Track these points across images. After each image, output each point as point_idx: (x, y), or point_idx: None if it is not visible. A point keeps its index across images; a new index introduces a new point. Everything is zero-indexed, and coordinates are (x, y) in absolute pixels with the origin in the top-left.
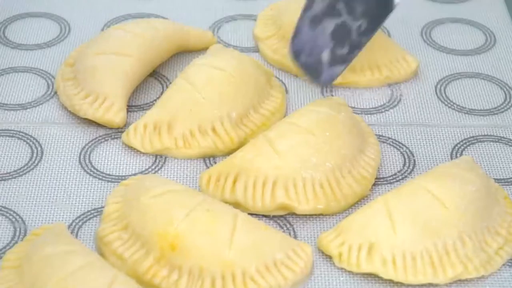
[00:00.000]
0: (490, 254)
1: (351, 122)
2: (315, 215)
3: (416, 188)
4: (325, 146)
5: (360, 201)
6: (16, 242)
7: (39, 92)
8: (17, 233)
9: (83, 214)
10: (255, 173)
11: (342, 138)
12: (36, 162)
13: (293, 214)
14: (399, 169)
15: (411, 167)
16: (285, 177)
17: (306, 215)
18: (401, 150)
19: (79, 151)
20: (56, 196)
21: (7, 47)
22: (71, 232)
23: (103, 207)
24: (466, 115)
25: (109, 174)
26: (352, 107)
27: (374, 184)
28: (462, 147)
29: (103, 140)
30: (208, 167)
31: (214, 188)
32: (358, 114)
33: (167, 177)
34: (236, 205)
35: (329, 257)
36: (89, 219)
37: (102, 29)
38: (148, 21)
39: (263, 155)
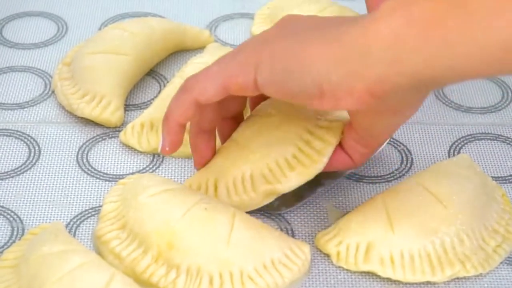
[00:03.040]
0: (488, 252)
1: None
2: (312, 214)
3: (413, 187)
4: (284, 123)
5: (339, 198)
6: (14, 242)
7: (36, 91)
8: (15, 233)
9: (80, 213)
10: (232, 174)
11: (300, 110)
12: (34, 161)
13: (288, 211)
14: (396, 167)
15: (408, 165)
16: (260, 167)
17: (303, 213)
18: (399, 148)
19: (77, 150)
20: (54, 195)
21: (5, 46)
22: (69, 231)
23: (100, 206)
24: (464, 113)
25: (106, 173)
26: None
27: (371, 183)
28: (460, 145)
29: (100, 139)
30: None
31: None
32: None
33: (164, 176)
34: None
35: (327, 256)
36: (87, 218)
37: (99, 28)
38: (145, 20)
39: (233, 155)
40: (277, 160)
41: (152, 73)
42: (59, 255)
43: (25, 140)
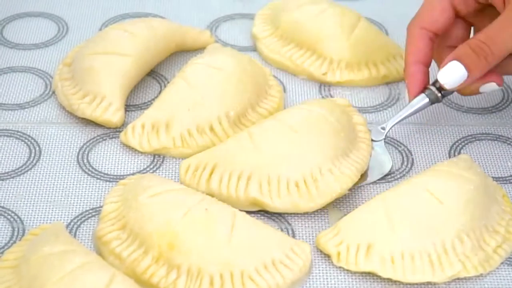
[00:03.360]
0: (488, 253)
1: (342, 125)
2: (312, 213)
3: (414, 187)
4: (306, 145)
5: (339, 199)
6: (15, 242)
7: (37, 91)
8: (15, 233)
9: (81, 214)
10: (232, 166)
11: (326, 139)
12: (34, 162)
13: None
14: (397, 168)
15: (409, 166)
16: (260, 173)
17: (304, 213)
18: (399, 148)
19: (77, 150)
20: (54, 196)
21: (5, 47)
22: (69, 232)
23: (101, 206)
24: (464, 113)
25: (107, 174)
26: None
27: (372, 183)
28: (460, 146)
29: (101, 139)
30: None
31: (192, 177)
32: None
33: (165, 177)
34: (212, 196)
35: (327, 256)
36: (87, 218)
37: (100, 29)
38: (146, 21)
39: (242, 148)
40: (279, 179)
41: (153, 73)
42: (60, 255)
43: (26, 140)
